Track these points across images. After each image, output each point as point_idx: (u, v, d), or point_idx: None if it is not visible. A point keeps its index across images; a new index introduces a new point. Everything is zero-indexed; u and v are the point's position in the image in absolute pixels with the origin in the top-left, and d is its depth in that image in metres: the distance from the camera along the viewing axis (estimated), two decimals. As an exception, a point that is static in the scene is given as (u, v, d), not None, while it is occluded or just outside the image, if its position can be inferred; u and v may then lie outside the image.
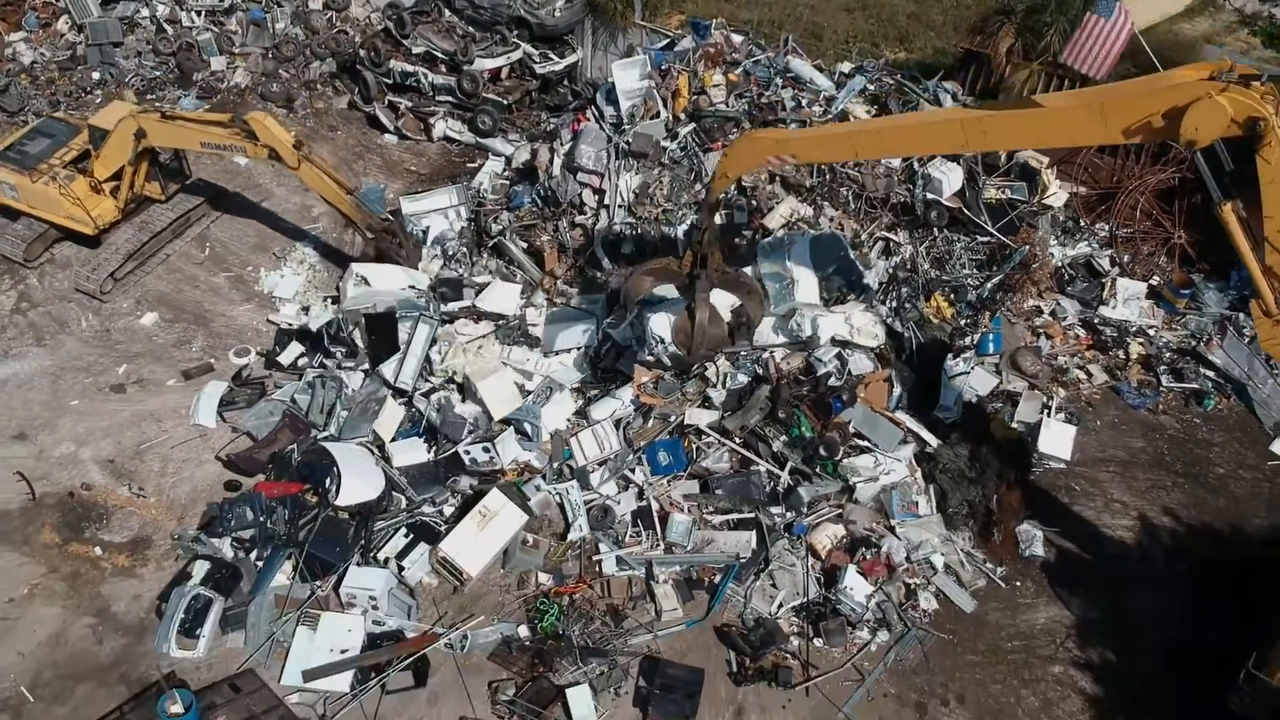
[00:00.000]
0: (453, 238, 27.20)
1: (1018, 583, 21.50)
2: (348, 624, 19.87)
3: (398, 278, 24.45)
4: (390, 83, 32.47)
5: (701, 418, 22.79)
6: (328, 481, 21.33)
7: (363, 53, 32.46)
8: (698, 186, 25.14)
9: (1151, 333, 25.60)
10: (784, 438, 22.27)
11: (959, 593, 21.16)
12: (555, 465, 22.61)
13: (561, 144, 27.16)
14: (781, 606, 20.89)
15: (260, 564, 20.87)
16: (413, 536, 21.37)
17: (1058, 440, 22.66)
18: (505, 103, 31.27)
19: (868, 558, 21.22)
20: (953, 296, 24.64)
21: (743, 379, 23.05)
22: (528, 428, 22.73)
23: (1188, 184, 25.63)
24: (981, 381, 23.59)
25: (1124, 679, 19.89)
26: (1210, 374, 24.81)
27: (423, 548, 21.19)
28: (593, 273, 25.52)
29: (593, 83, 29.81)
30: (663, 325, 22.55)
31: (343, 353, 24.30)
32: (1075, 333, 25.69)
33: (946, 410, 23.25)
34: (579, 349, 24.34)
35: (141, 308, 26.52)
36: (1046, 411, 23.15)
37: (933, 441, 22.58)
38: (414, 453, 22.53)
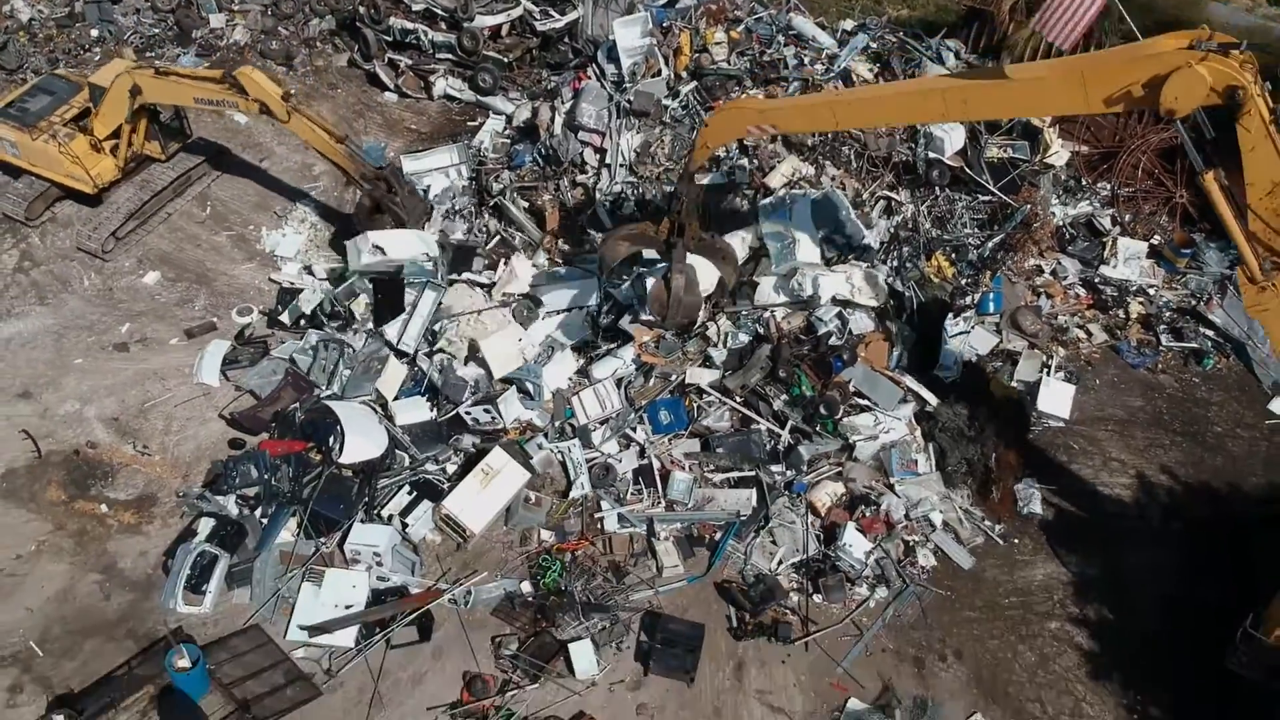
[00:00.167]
0: (456, 196, 27.08)
1: (1015, 540, 21.69)
2: (352, 580, 20.07)
3: (411, 244, 24.35)
4: (390, 40, 32.27)
5: (702, 377, 22.92)
6: (331, 439, 21.48)
7: (362, 10, 32.22)
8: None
9: (1152, 292, 25.63)
10: (784, 396, 22.41)
11: (957, 550, 21.36)
12: (557, 424, 22.76)
13: (562, 102, 27.04)
14: (781, 563, 21.09)
15: (265, 521, 21.07)
16: (416, 494, 21.52)
17: (1057, 399, 22.77)
18: (506, 60, 31.08)
19: (867, 515, 21.41)
20: (954, 256, 24.63)
21: (744, 338, 23.19)
22: (530, 387, 22.83)
23: (1201, 138, 25.56)
24: (981, 341, 23.67)
25: (1120, 636, 20.12)
26: (1210, 333, 24.90)
27: (426, 505, 21.35)
28: (594, 233, 25.48)
29: (594, 40, 29.57)
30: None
31: (337, 326, 24.49)
32: (1075, 292, 25.70)
33: (946, 369, 23.32)
34: (580, 308, 24.35)
35: (144, 267, 26.53)
36: (1046, 370, 23.24)
37: (932, 400, 22.70)
38: (417, 411, 22.64)
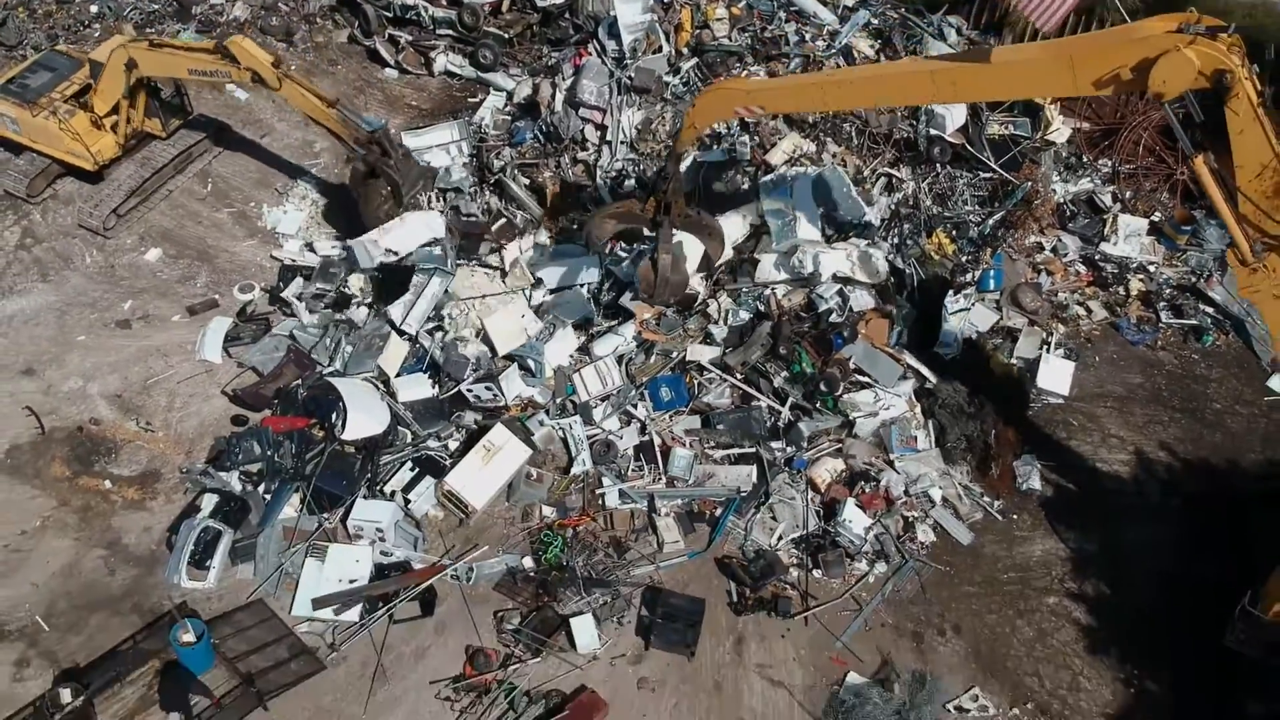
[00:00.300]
0: (459, 175, 27.03)
1: (1014, 516, 21.83)
2: (355, 555, 20.24)
3: (418, 231, 24.28)
4: (390, 16, 32.12)
5: (703, 354, 23.01)
6: (334, 416, 21.57)
7: (362, -15, 32.09)
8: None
9: (1152, 269, 25.65)
10: (785, 374, 22.50)
11: (956, 525, 21.50)
12: (558, 400, 22.83)
13: (563, 79, 26.98)
14: (781, 539, 21.25)
15: (268, 497, 21.19)
16: (418, 470, 21.65)
17: (1056, 376, 22.89)
18: (506, 36, 30.93)
19: (866, 491, 21.55)
20: (954, 233, 24.67)
21: (744, 315, 23.26)
22: (531, 364, 22.88)
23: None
24: (982, 318, 23.76)
25: (1118, 611, 20.28)
26: (1209, 310, 24.93)
27: (428, 481, 21.49)
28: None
29: (594, 16, 29.43)
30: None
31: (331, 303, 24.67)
32: (1076, 269, 25.73)
33: (947, 346, 23.38)
34: (582, 285, 24.37)
35: (145, 244, 26.54)
36: (1046, 347, 23.36)
37: (932, 377, 22.77)
38: (419, 388, 22.71)
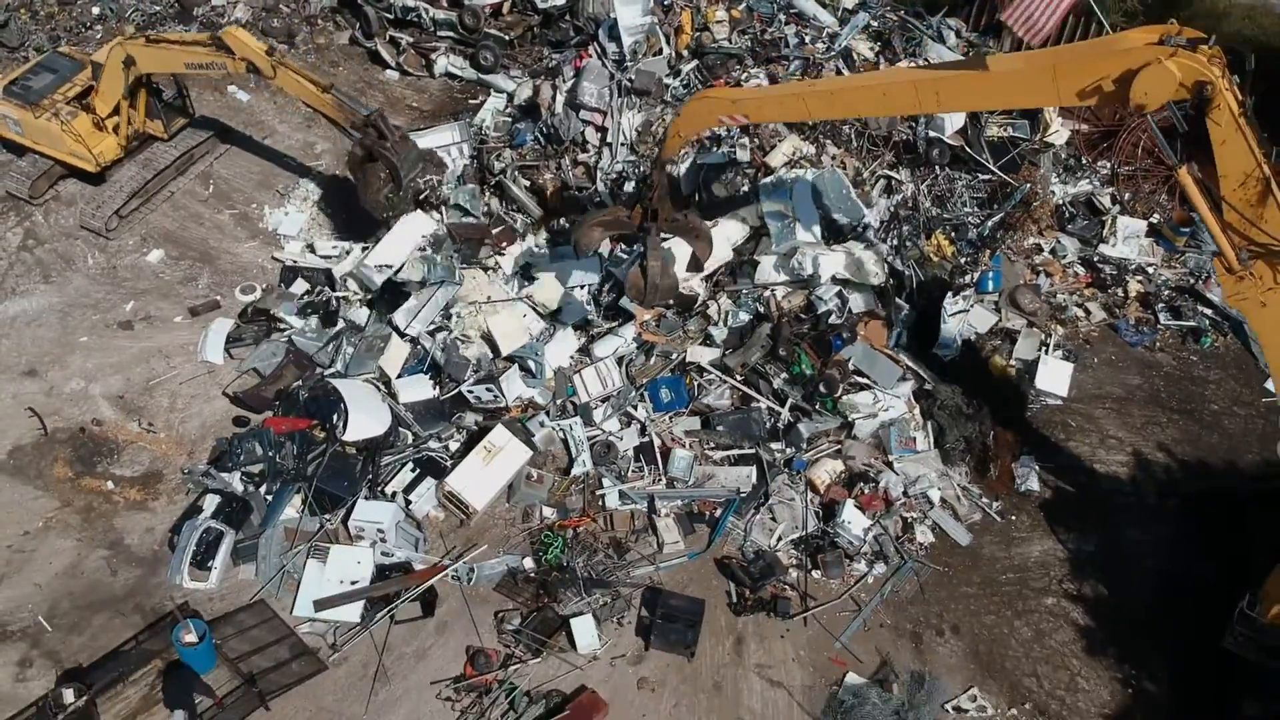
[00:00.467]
0: (455, 178, 27.10)
1: (1013, 517, 21.90)
2: (357, 556, 20.29)
3: (411, 235, 24.16)
4: (391, 18, 32.23)
5: (703, 355, 23.10)
6: (335, 417, 21.62)
7: (363, -13, 32.21)
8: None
9: (1150, 270, 25.75)
10: (784, 375, 22.58)
11: (955, 526, 21.58)
12: (559, 402, 22.91)
13: (564, 81, 27.04)
14: (781, 539, 21.32)
15: (270, 498, 21.27)
16: (419, 471, 21.72)
17: (1055, 377, 22.99)
18: (507, 38, 31.03)
19: (866, 492, 21.63)
20: (953, 234, 24.75)
21: (744, 317, 23.33)
22: (532, 365, 22.97)
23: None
24: (980, 319, 23.85)
25: (1116, 611, 20.36)
26: (1208, 312, 25.02)
27: (429, 482, 21.55)
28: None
29: (595, 18, 29.55)
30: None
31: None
32: (1075, 270, 25.81)
33: (946, 348, 23.45)
34: (582, 287, 24.46)
35: (147, 245, 26.62)
36: (1044, 349, 23.47)
37: (931, 379, 22.85)
38: (420, 389, 22.75)
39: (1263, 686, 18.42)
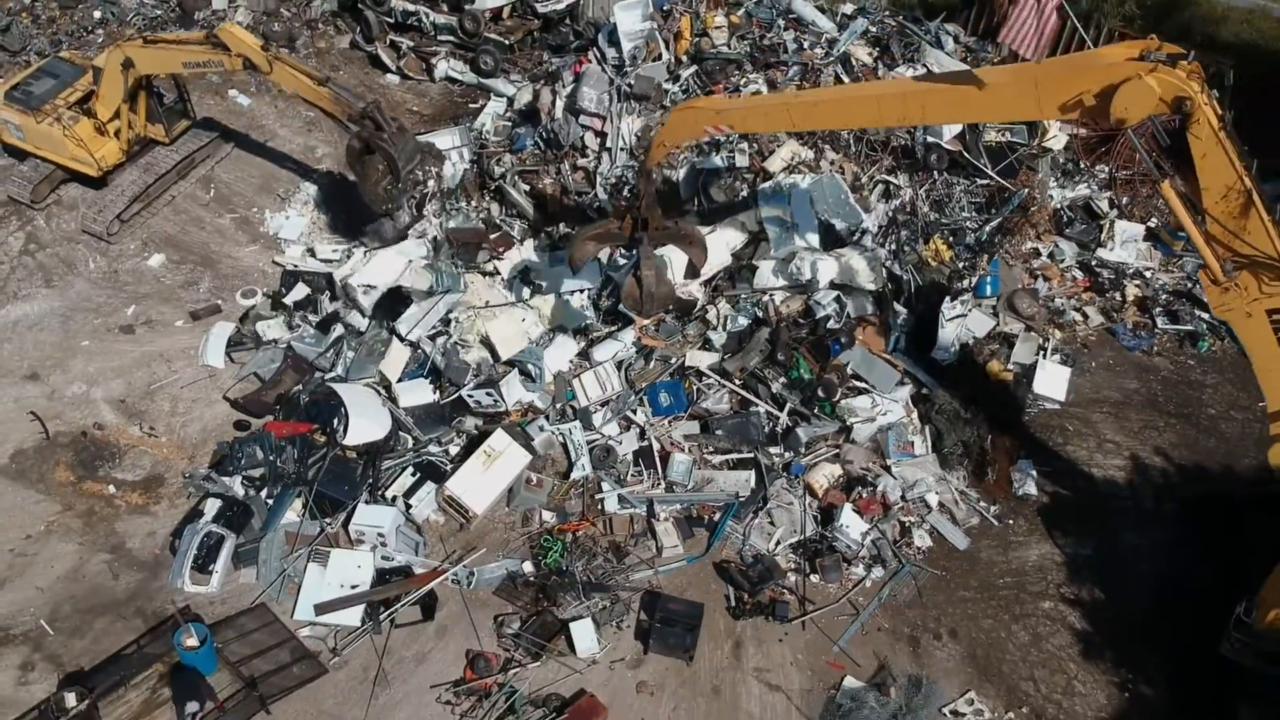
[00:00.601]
0: (455, 182, 27.23)
1: (1010, 521, 21.98)
2: (357, 560, 20.35)
3: (397, 261, 24.35)
4: (392, 22, 32.33)
5: (702, 360, 23.18)
6: (335, 421, 21.71)
7: (364, -9, 32.32)
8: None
9: (1148, 275, 25.83)
10: (783, 379, 22.66)
11: (952, 530, 21.66)
12: (558, 406, 23.01)
13: (563, 86, 27.11)
14: (779, 543, 21.39)
15: (271, 502, 21.34)
16: (419, 475, 21.80)
17: (1053, 381, 23.09)
18: (507, 43, 31.12)
19: (864, 496, 21.71)
20: (951, 239, 24.81)
21: (743, 322, 23.42)
22: (531, 369, 23.06)
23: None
24: (979, 323, 23.90)
25: (1113, 616, 20.42)
26: (1205, 316, 25.00)
27: (429, 486, 21.63)
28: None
29: (594, 22, 29.66)
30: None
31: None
32: (1072, 275, 25.89)
33: (944, 352, 23.52)
34: (581, 291, 24.54)
35: (148, 249, 26.69)
36: (1042, 353, 23.55)
37: (930, 383, 22.93)
38: (420, 393, 22.85)
39: (1259, 691, 18.47)
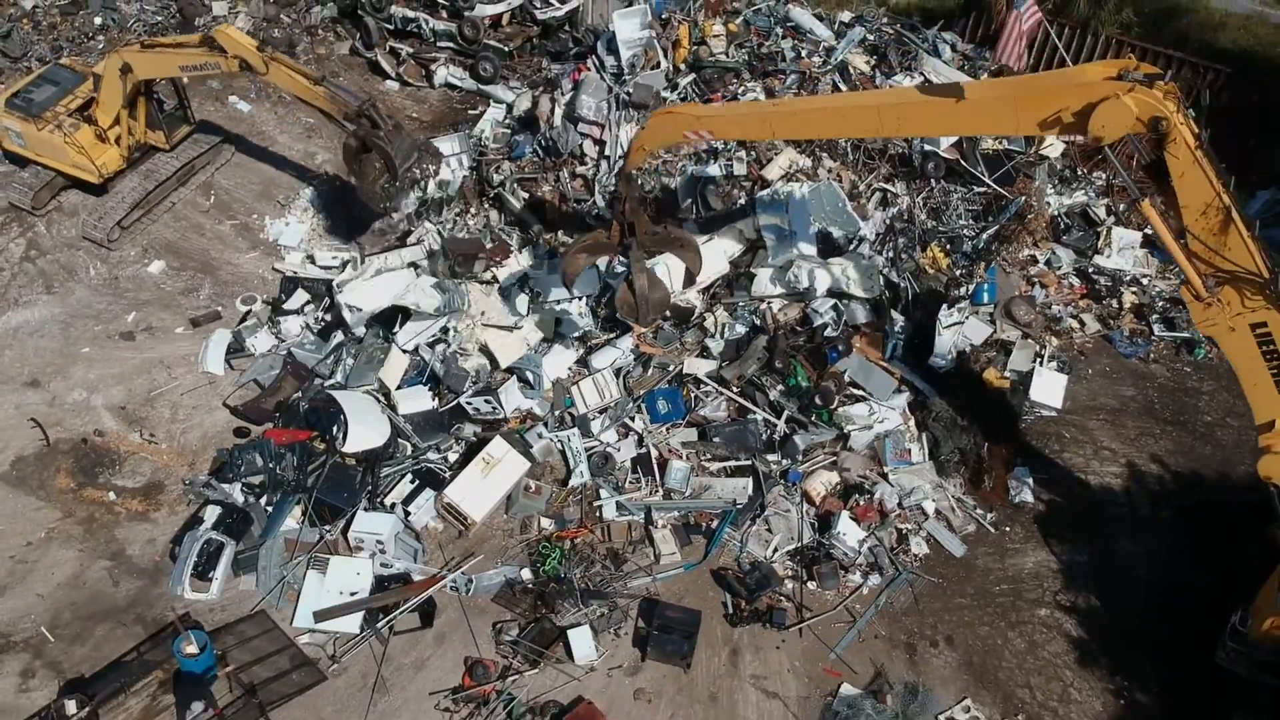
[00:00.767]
0: (455, 189, 27.32)
1: (1007, 528, 22.04)
2: (356, 567, 20.46)
3: (386, 290, 24.34)
4: (391, 28, 32.44)
5: (700, 367, 23.27)
6: (335, 429, 21.81)
7: (364, -2, 32.42)
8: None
9: (1145, 282, 25.86)
10: (780, 387, 22.77)
11: (949, 538, 21.73)
12: (557, 413, 23.10)
13: (562, 94, 27.23)
14: (776, 551, 21.47)
15: (270, 509, 21.45)
16: (418, 482, 21.89)
17: (1049, 389, 23.08)
18: (506, 49, 31.19)
19: (861, 503, 21.80)
20: (949, 247, 24.88)
21: (741, 329, 23.50)
22: (530, 376, 23.14)
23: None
24: (976, 331, 23.94)
25: (1109, 622, 20.47)
26: (1202, 323, 25.09)
27: (428, 493, 21.72)
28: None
29: (593, 29, 29.76)
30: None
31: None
32: (1069, 282, 25.95)
33: (941, 360, 23.59)
34: (580, 298, 24.57)
35: (149, 255, 26.80)
36: (1039, 360, 23.57)
37: (927, 390, 23.01)
38: (419, 400, 22.93)
39: (1255, 700, 18.53)
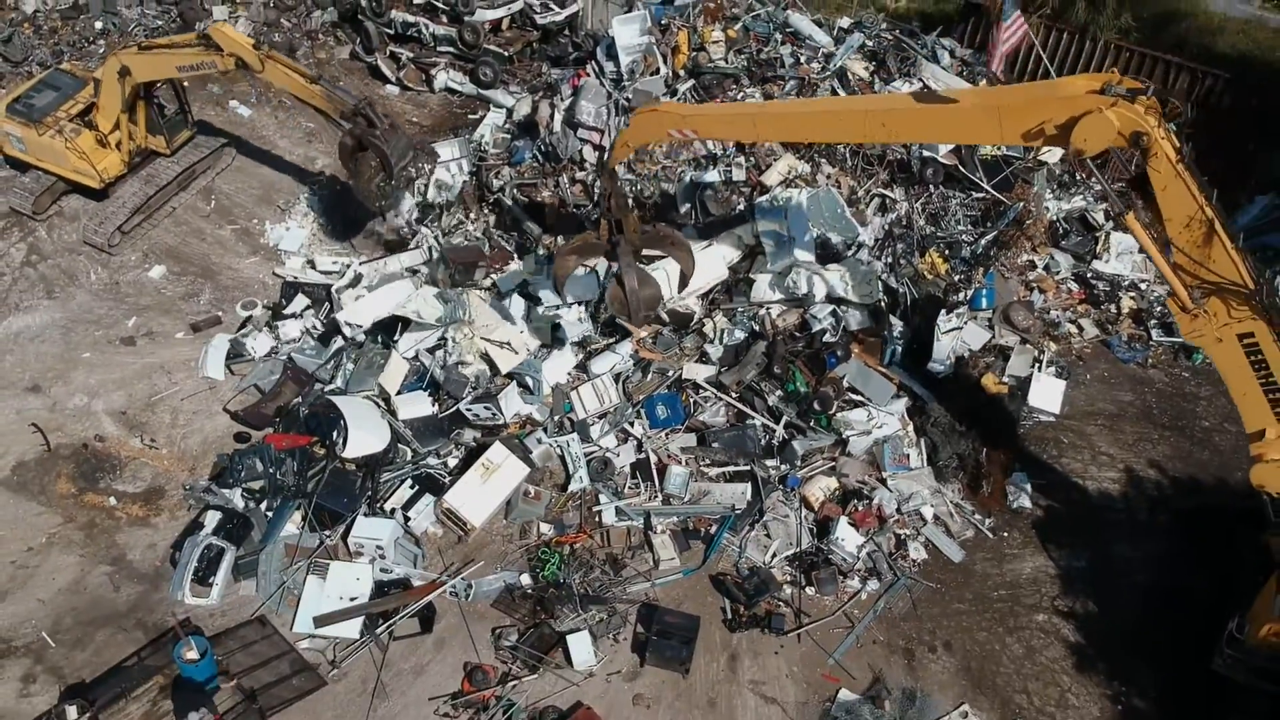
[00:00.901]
0: (455, 195, 27.38)
1: (1005, 533, 22.10)
2: (356, 572, 20.49)
3: (389, 303, 24.51)
4: (392, 33, 32.58)
5: (699, 372, 23.33)
6: (335, 434, 21.83)
7: (364, 2, 32.48)
8: (696, 144, 25.29)
9: (1143, 287, 25.90)
10: (779, 392, 22.82)
11: (948, 543, 21.79)
12: (556, 418, 23.14)
13: (562, 99, 27.28)
14: (775, 556, 21.53)
15: (270, 514, 21.50)
16: (418, 488, 21.95)
17: (1047, 394, 23.13)
18: (506, 54, 31.33)
19: (859, 509, 21.85)
20: (947, 252, 24.95)
21: (739, 335, 23.56)
22: (530, 382, 23.19)
23: (1182, 138, 25.76)
24: (974, 336, 24.00)
25: (1106, 628, 20.51)
26: (1199, 328, 25.12)
27: (428, 499, 21.77)
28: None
29: (593, 34, 29.85)
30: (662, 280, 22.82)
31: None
32: (1068, 287, 25.99)
33: (939, 365, 23.65)
34: (580, 303, 24.63)
35: (149, 260, 26.87)
36: (1037, 366, 23.59)
37: (926, 396, 23.07)
38: (419, 406, 22.96)
39: (1252, 707, 18.59)
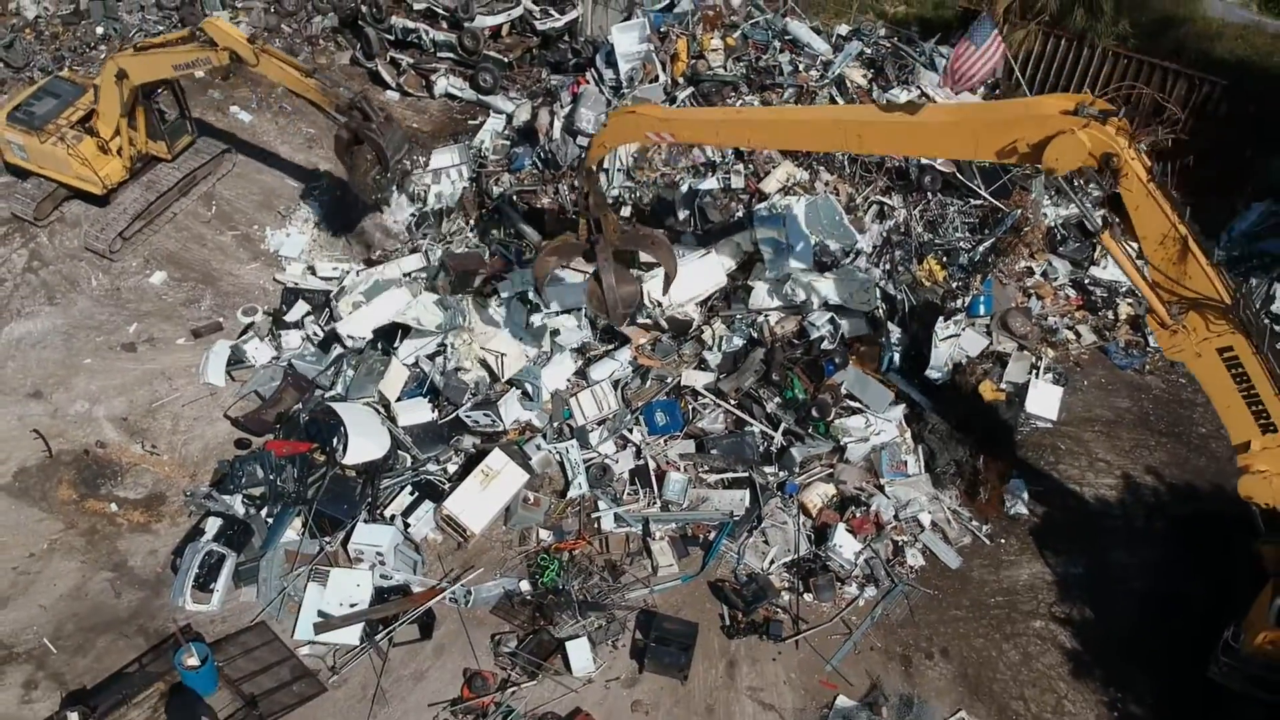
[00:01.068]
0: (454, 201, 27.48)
1: (1002, 540, 22.17)
2: (356, 579, 20.61)
3: (387, 313, 24.61)
4: (392, 39, 32.62)
5: (698, 379, 23.41)
6: (335, 441, 21.93)
7: (364, 8, 32.55)
8: (695, 150, 25.41)
9: (1140, 293, 25.91)
10: (777, 399, 22.89)
11: (945, 550, 21.87)
12: (555, 425, 23.24)
13: (561, 106, 27.36)
14: (773, 563, 21.63)
15: (271, 520, 21.60)
16: (418, 494, 22.06)
17: (1045, 400, 23.17)
18: (506, 60, 31.38)
19: (857, 516, 21.91)
20: (945, 259, 24.98)
21: (738, 342, 23.64)
22: (529, 388, 23.28)
23: (1181, 145, 25.86)
24: (972, 343, 24.05)
25: (1103, 634, 20.59)
26: (1197, 335, 25.20)
27: (428, 505, 21.88)
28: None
29: (593, 41, 29.92)
30: (657, 288, 22.94)
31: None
32: (1066, 293, 26.04)
33: (937, 372, 23.72)
34: (566, 311, 24.65)
35: (150, 266, 26.96)
36: (1035, 372, 23.65)
37: (923, 403, 23.14)
38: (419, 412, 23.06)
39: (1248, 715, 18.64)
